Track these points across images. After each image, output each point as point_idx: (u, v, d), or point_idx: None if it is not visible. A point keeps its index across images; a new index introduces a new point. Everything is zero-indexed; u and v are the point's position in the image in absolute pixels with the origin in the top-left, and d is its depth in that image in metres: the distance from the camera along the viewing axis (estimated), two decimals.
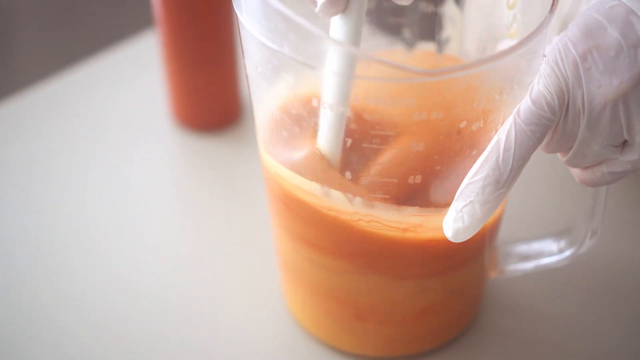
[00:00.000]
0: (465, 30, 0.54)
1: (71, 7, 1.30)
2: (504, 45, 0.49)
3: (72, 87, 0.74)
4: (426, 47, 0.55)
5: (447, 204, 0.43)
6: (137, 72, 0.75)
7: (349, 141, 0.43)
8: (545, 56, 0.41)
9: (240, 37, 0.45)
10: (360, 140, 0.42)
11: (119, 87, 0.74)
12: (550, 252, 0.52)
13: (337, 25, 0.43)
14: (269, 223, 0.54)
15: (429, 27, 0.55)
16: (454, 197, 0.43)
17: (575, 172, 0.46)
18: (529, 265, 0.52)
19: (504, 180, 0.41)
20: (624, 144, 0.42)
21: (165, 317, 0.56)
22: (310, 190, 0.45)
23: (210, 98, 0.68)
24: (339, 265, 0.48)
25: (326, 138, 0.43)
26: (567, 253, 0.51)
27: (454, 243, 0.44)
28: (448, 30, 0.55)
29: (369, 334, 0.52)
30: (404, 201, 0.44)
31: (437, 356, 0.53)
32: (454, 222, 0.43)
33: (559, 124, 0.42)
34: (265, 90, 0.45)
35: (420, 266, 0.48)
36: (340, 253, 0.48)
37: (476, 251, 0.50)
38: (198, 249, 0.61)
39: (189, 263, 0.60)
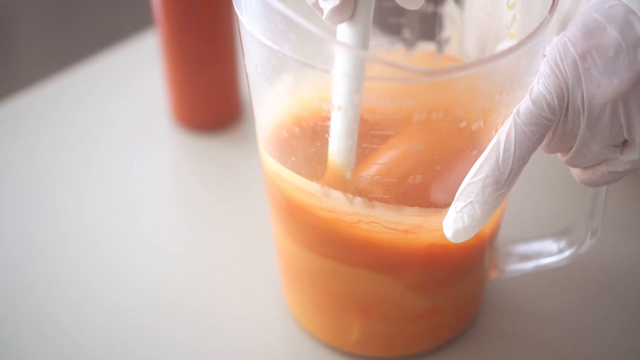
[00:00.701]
0: (465, 30, 0.53)
1: (71, 7, 1.30)
2: (504, 45, 0.49)
3: (72, 87, 0.74)
4: (426, 47, 0.55)
5: (447, 204, 0.43)
6: (137, 72, 0.75)
7: (349, 141, 0.42)
8: (545, 56, 0.41)
9: (240, 37, 0.45)
10: (360, 140, 0.42)
11: (119, 87, 0.74)
12: (550, 252, 0.52)
13: (344, 33, 0.42)
14: (269, 223, 0.54)
15: (429, 27, 0.55)
16: (454, 197, 0.43)
17: (575, 172, 0.46)
18: (529, 265, 0.52)
19: (504, 180, 0.41)
20: (624, 143, 0.42)
21: (165, 316, 0.56)
22: (311, 191, 0.45)
23: (210, 98, 0.68)
24: (339, 267, 0.48)
25: (338, 141, 0.43)
26: (567, 253, 0.51)
27: (454, 244, 0.44)
28: (448, 30, 0.55)
29: (369, 333, 0.52)
30: (404, 201, 0.44)
31: (437, 356, 0.53)
32: (454, 222, 0.43)
33: (558, 124, 0.42)
34: (265, 90, 0.44)
35: (420, 268, 0.48)
36: (341, 255, 0.48)
37: (476, 252, 0.50)
38: (198, 248, 0.61)
39: (189, 263, 0.60)
